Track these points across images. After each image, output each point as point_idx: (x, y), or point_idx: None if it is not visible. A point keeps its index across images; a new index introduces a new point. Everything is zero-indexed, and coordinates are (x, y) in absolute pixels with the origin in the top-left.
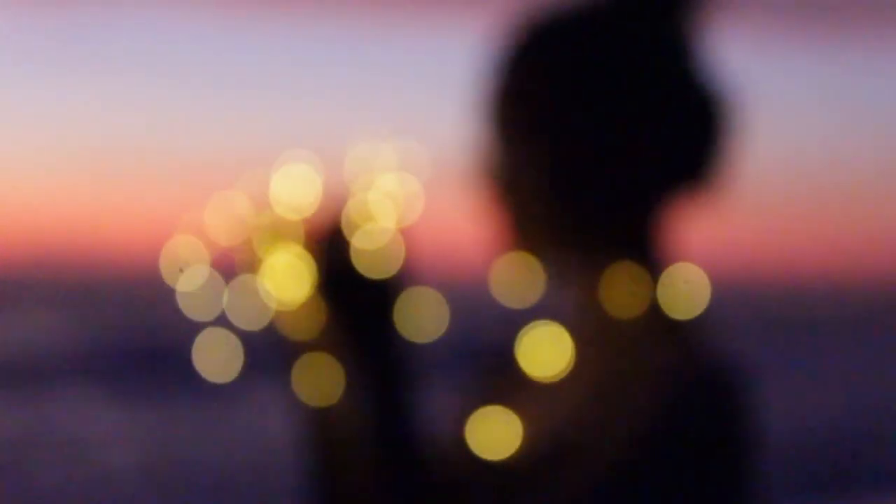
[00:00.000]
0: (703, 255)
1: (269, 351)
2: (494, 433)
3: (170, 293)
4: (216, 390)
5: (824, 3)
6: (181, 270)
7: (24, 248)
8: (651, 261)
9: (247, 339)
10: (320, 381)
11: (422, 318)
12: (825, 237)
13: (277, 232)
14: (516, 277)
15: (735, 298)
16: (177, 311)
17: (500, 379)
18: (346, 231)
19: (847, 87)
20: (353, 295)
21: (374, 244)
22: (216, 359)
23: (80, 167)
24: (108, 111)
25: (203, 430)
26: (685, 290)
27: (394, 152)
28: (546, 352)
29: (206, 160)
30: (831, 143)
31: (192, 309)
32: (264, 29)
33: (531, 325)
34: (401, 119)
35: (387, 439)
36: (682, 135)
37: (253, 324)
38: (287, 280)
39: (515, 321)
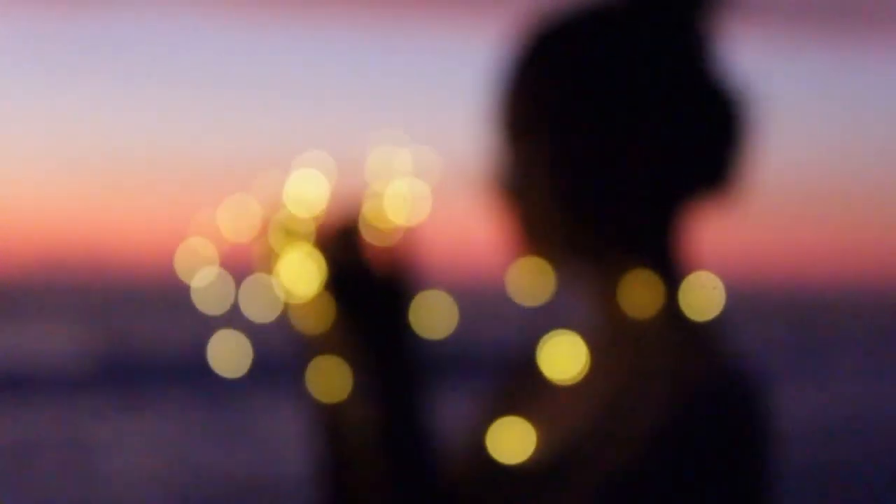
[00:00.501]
0: (718, 258)
1: (280, 357)
2: (508, 437)
3: (179, 301)
4: (224, 398)
5: (838, 8)
6: (185, 271)
7: (35, 256)
8: (667, 266)
9: (258, 346)
10: (330, 378)
11: (432, 320)
12: (841, 240)
13: (290, 231)
14: (529, 282)
15: (751, 303)
16: (186, 319)
17: (515, 383)
18: (358, 232)
19: (865, 90)
20: (362, 295)
21: (385, 245)
22: (228, 357)
23: (95, 173)
24: (123, 116)
25: (211, 438)
26: (701, 295)
27: (408, 156)
28: (563, 358)
29: (224, 167)
30: (848, 147)
31: (205, 305)
32: (283, 33)
33: (549, 333)
34: (415, 123)
35: (395, 441)
36: (701, 138)
37: (265, 319)
38: (299, 278)
39: (529, 326)
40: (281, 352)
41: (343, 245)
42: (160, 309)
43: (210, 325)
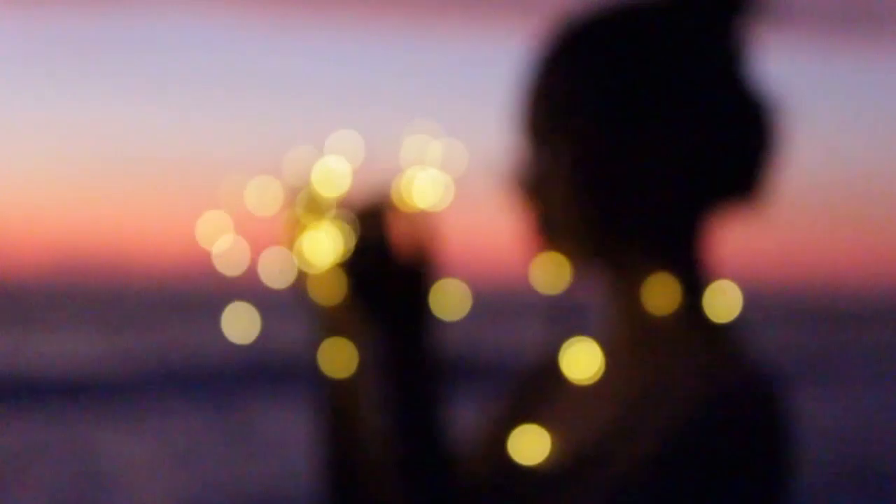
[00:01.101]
0: (740, 260)
1: (292, 365)
2: (525, 439)
3: (191, 306)
4: (235, 405)
5: (866, 15)
6: (206, 238)
7: (47, 260)
8: (688, 270)
9: (269, 355)
10: (340, 357)
11: (447, 309)
12: (864, 244)
13: (314, 207)
14: (548, 279)
15: (772, 305)
16: (198, 325)
17: (532, 384)
18: (383, 214)
19: (887, 94)
20: (379, 276)
21: (409, 230)
22: (239, 326)
23: (111, 175)
24: (150, 116)
25: (221, 445)
26: (721, 299)
27: (436, 147)
28: (582, 362)
29: (247, 168)
30: (872, 151)
31: (225, 269)
32: (320, 35)
33: (569, 339)
34: (446, 117)
35: (406, 428)
36: (729, 145)
37: (280, 287)
38: (317, 254)
39: (546, 326)
40: (293, 360)
41: (367, 225)
42: (173, 314)
43: (220, 327)
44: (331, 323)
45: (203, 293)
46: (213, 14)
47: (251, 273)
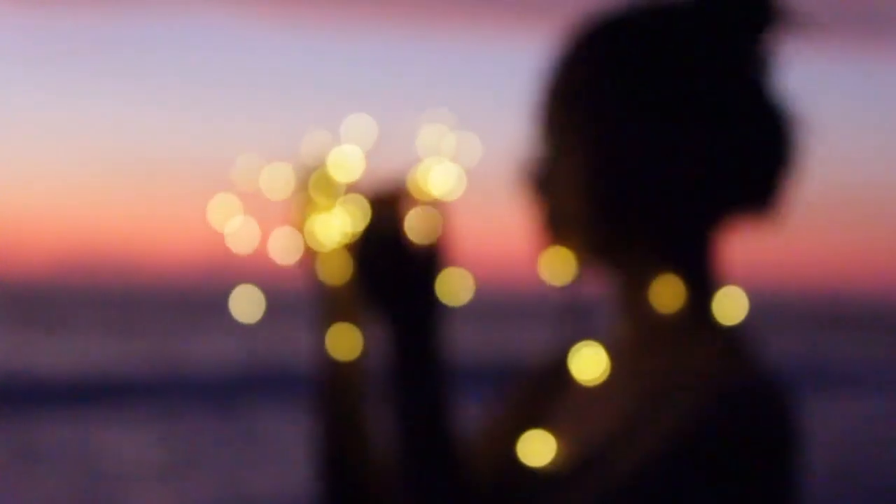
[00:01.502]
0: (749, 264)
1: (298, 372)
2: (531, 441)
3: (193, 309)
4: (238, 411)
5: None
6: (218, 220)
7: (53, 262)
8: (696, 272)
9: (276, 362)
10: (345, 341)
11: (451, 296)
12: (873, 249)
13: (326, 191)
14: (555, 274)
15: (779, 309)
16: (203, 333)
17: (538, 385)
18: (393, 202)
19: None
20: (385, 263)
21: (418, 219)
22: (246, 306)
23: (128, 177)
24: (160, 117)
25: (224, 451)
26: (728, 302)
27: (451, 138)
28: (589, 364)
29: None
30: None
31: (236, 248)
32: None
33: (577, 343)
34: (461, 111)
35: (408, 421)
36: (749, 155)
37: (289, 264)
38: (326, 235)
39: (553, 327)
40: (297, 366)
41: (379, 212)
42: (179, 317)
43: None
44: (337, 307)
45: (209, 296)
46: (223, 13)
47: (258, 274)
